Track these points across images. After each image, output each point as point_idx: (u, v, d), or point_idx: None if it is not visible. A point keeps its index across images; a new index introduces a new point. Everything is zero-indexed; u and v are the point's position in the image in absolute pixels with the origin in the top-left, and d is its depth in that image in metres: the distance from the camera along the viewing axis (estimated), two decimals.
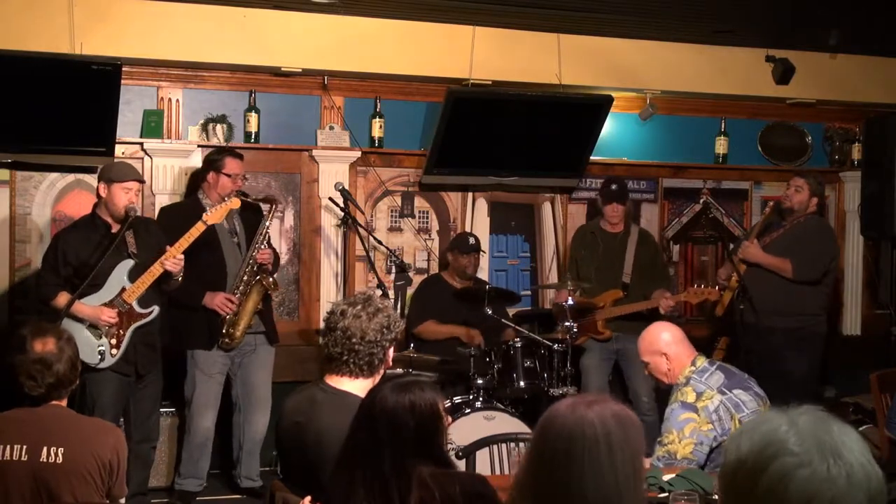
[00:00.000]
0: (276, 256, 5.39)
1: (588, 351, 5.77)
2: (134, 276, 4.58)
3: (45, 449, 2.92)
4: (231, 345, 5.08)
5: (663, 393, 3.83)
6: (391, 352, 2.90)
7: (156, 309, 4.67)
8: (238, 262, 5.11)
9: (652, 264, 5.88)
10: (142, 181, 4.80)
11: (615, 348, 5.74)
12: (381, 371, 2.89)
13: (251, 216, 5.18)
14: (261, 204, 5.20)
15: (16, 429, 2.98)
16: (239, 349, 5.17)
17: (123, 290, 4.57)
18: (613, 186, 5.84)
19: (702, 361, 3.62)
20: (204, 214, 4.74)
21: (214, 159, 5.19)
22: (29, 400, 3.04)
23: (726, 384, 3.52)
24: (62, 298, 4.51)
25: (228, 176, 5.10)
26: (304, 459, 2.76)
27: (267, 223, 5.11)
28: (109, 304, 4.56)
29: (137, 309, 4.61)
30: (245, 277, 5.06)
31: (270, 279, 5.12)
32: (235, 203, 4.90)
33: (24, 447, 2.92)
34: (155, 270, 4.57)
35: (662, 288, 5.75)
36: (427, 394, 2.32)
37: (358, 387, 2.80)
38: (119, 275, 4.58)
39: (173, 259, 4.58)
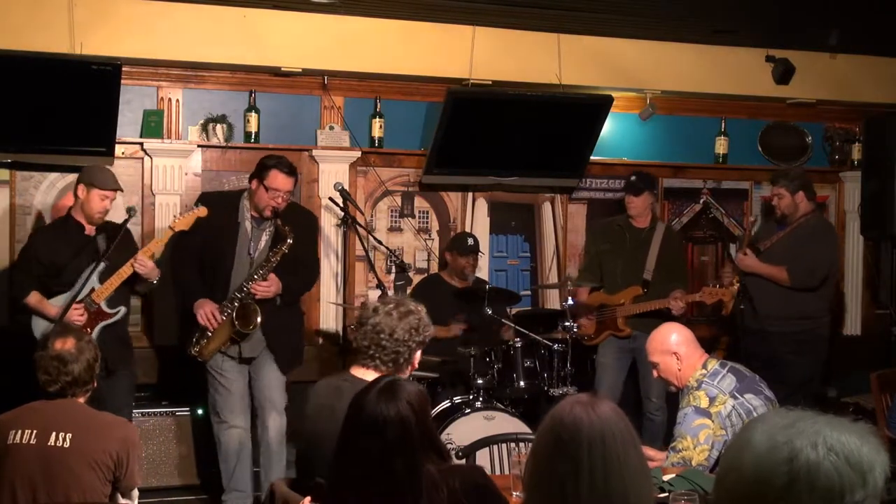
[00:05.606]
0: (297, 286, 5.00)
1: (604, 348, 5.74)
2: (104, 277, 4.64)
3: (54, 433, 3.05)
4: (199, 358, 4.81)
5: (673, 395, 3.81)
6: (418, 354, 3.03)
7: (122, 309, 4.73)
8: (242, 277, 4.80)
9: (673, 262, 5.77)
10: (121, 190, 4.80)
11: (632, 346, 5.65)
12: (408, 371, 3.00)
13: (280, 238, 4.81)
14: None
15: (30, 416, 3.12)
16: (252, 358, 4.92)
17: (93, 290, 4.63)
18: (632, 178, 5.74)
19: (713, 364, 3.56)
20: (172, 220, 4.78)
21: (265, 165, 4.83)
22: (45, 395, 3.19)
23: (738, 388, 3.48)
24: (33, 298, 4.62)
25: (267, 189, 4.76)
26: (328, 445, 2.76)
27: (284, 249, 4.73)
28: (78, 304, 4.61)
29: (105, 309, 4.67)
30: (236, 303, 4.73)
31: (245, 317, 4.70)
32: (202, 211, 4.73)
33: (35, 431, 3.05)
34: (123, 273, 4.62)
35: (680, 288, 5.61)
36: (411, 386, 2.35)
37: None
38: (89, 276, 4.64)
39: (142, 261, 4.61)
